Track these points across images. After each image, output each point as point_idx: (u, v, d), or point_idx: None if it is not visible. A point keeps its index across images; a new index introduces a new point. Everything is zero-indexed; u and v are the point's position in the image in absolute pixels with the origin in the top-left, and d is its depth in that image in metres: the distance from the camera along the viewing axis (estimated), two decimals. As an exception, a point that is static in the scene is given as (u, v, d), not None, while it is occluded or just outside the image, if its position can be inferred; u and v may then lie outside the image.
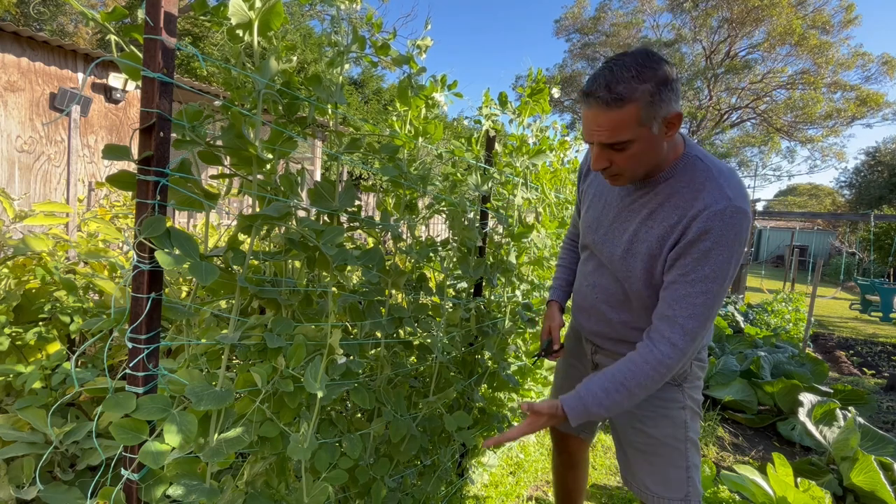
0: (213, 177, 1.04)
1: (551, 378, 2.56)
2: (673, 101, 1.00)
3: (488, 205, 1.95)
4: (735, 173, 1.10)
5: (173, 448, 0.81)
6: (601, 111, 0.99)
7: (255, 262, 1.06)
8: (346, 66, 1.16)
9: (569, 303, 1.56)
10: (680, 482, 1.23)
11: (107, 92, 6.03)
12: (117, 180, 0.81)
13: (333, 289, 1.16)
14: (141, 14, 0.77)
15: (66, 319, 1.55)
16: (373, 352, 1.42)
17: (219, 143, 0.92)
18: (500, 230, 2.09)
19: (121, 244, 2.54)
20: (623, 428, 1.33)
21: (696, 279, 1.03)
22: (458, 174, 1.80)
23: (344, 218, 1.23)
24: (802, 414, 2.95)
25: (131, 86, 6.02)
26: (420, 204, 1.58)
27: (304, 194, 1.11)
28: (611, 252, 1.23)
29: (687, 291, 1.04)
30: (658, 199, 1.11)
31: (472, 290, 1.97)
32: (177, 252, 0.80)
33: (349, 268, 1.27)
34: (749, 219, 1.03)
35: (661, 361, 1.05)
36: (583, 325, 1.41)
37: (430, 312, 1.55)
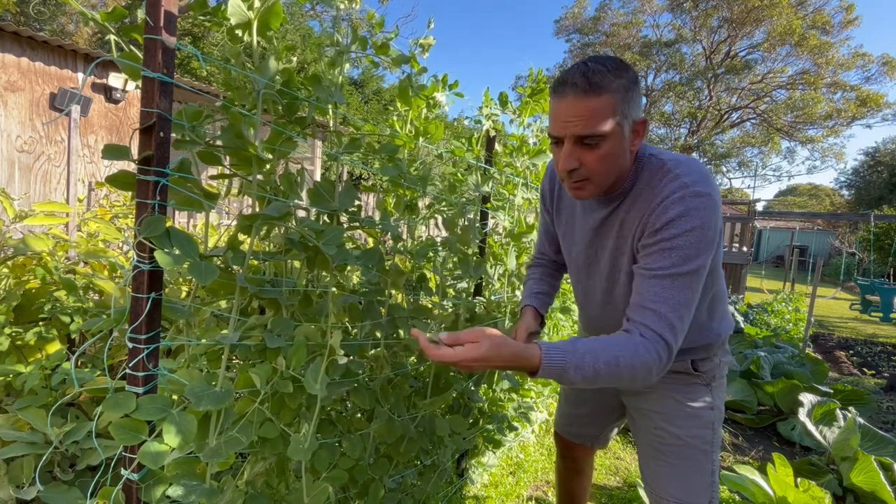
0: (212, 177, 1.04)
1: (551, 378, 2.56)
2: (640, 104, 1.00)
3: (488, 205, 1.95)
4: (694, 162, 1.04)
5: (173, 448, 0.81)
6: (578, 99, 0.95)
7: (255, 262, 1.06)
8: (346, 67, 1.16)
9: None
10: (704, 487, 1.17)
11: (107, 92, 6.03)
12: (117, 180, 0.81)
13: (333, 289, 1.16)
14: (141, 14, 0.77)
15: (66, 319, 1.55)
16: (372, 352, 1.41)
17: (218, 143, 0.92)
18: (501, 230, 2.09)
19: (121, 244, 2.54)
20: (646, 427, 1.26)
21: (669, 273, 0.96)
22: (459, 174, 1.80)
23: (344, 218, 1.23)
24: (802, 414, 2.95)
25: (131, 86, 6.02)
26: (420, 204, 1.57)
27: (303, 194, 1.11)
28: (598, 277, 1.18)
29: (664, 286, 0.96)
30: (625, 208, 1.08)
31: (473, 290, 1.96)
32: (176, 252, 0.80)
33: (349, 268, 1.27)
34: (714, 201, 0.97)
35: (656, 365, 0.94)
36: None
37: (428, 314, 1.55)
